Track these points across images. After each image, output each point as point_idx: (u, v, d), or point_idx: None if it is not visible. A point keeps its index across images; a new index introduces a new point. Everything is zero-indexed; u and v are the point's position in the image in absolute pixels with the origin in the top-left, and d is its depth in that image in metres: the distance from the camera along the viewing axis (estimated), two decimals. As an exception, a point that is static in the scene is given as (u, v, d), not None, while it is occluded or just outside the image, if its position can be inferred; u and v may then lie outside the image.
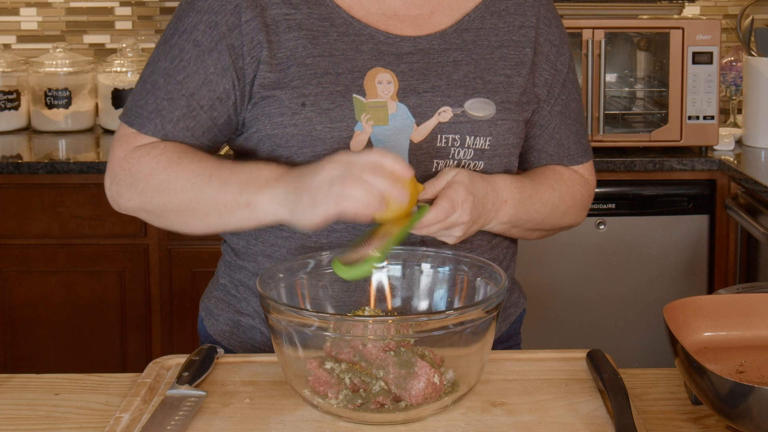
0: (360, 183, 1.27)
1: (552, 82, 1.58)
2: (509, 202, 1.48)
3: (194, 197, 1.42)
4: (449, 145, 1.48)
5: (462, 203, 1.39)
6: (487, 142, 1.49)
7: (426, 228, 1.39)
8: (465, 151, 1.49)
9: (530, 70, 1.55)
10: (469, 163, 1.49)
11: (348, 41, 1.47)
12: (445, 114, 1.48)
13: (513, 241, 1.63)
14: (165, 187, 1.43)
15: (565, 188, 1.59)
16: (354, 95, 1.45)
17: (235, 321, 1.57)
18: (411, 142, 1.47)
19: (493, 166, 1.51)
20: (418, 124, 1.47)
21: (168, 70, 1.47)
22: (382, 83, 1.46)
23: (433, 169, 1.48)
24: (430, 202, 1.40)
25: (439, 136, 1.48)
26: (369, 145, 1.45)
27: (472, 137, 1.49)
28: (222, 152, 2.73)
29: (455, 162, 1.49)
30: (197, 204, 1.42)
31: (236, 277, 1.57)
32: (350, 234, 1.47)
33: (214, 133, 1.49)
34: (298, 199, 1.32)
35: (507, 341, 1.64)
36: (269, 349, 1.54)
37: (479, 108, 1.49)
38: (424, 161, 1.48)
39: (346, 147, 1.44)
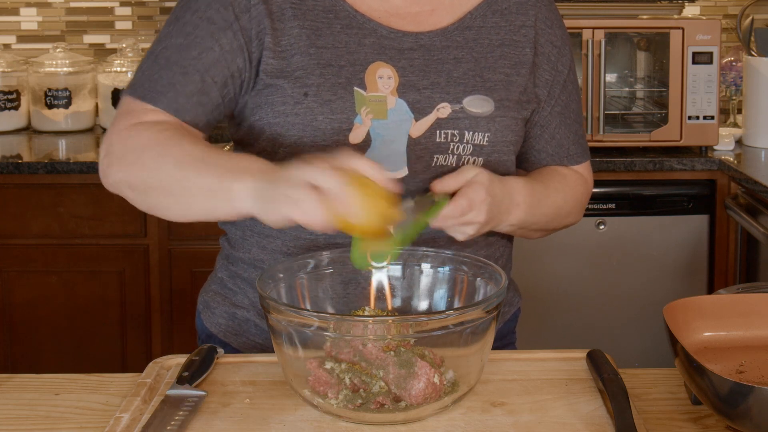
0: (310, 199, 1.22)
1: (552, 83, 1.59)
2: (521, 207, 1.50)
3: (181, 176, 1.37)
4: (448, 140, 1.49)
5: (480, 204, 1.41)
6: (486, 138, 1.51)
7: (441, 221, 1.40)
8: (464, 147, 1.50)
9: (531, 71, 1.56)
10: (468, 159, 1.51)
11: (351, 34, 1.49)
12: (443, 110, 1.49)
13: (509, 239, 1.64)
14: (154, 163, 1.39)
15: (569, 190, 1.61)
16: (355, 88, 1.47)
17: (230, 314, 1.58)
18: (409, 137, 1.48)
19: (492, 162, 1.52)
20: (416, 120, 1.49)
21: (182, 45, 1.47)
22: (383, 78, 1.48)
23: (433, 164, 1.49)
24: (450, 196, 1.41)
25: (437, 131, 1.49)
26: (368, 137, 1.47)
27: (471, 133, 1.50)
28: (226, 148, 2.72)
29: (455, 157, 1.50)
30: (181, 185, 1.37)
31: (233, 270, 1.59)
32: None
33: (220, 110, 1.50)
34: (263, 195, 1.29)
35: (501, 339, 1.65)
36: (265, 342, 1.55)
37: (477, 105, 1.51)
38: (423, 156, 1.49)
39: (345, 138, 1.46)
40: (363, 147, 1.47)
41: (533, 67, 1.56)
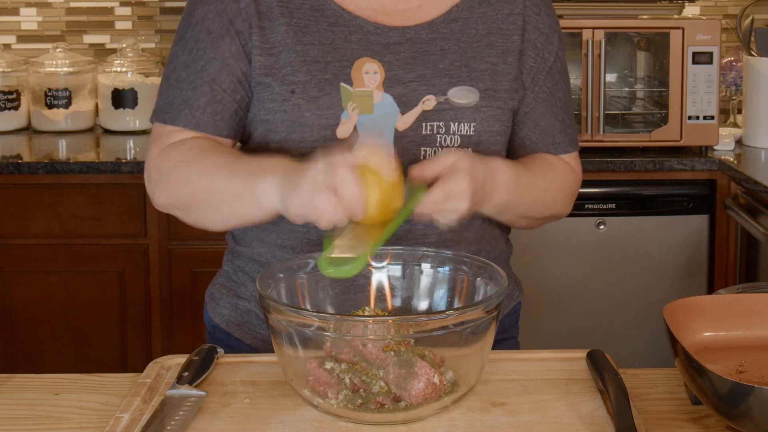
0: (328, 201, 1.27)
1: (537, 70, 1.59)
2: (503, 188, 1.47)
3: (209, 187, 1.45)
4: (434, 132, 1.51)
5: (462, 193, 1.37)
6: (472, 128, 1.52)
7: (419, 209, 1.38)
8: (451, 138, 1.51)
9: (518, 58, 1.56)
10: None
11: (337, 31, 1.51)
12: (429, 102, 1.51)
13: (502, 230, 1.64)
14: (185, 180, 1.48)
15: (556, 176, 1.60)
16: (341, 84, 1.49)
17: (233, 304, 1.61)
18: (396, 130, 1.50)
19: (480, 152, 1.52)
20: (402, 113, 1.50)
21: (188, 61, 1.52)
22: (369, 73, 1.50)
23: (421, 157, 1.50)
24: (431, 183, 1.40)
25: (423, 124, 1.51)
26: (355, 132, 1.49)
27: (457, 123, 1.51)
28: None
29: (442, 150, 1.51)
30: (212, 194, 1.45)
31: (236, 263, 1.62)
32: None
33: (240, 116, 1.54)
34: (288, 194, 1.34)
35: (502, 333, 1.64)
36: (266, 334, 1.55)
37: (462, 96, 1.52)
38: (411, 149, 1.50)
39: (332, 134, 1.48)
40: (350, 141, 1.48)
41: (520, 54, 1.56)
